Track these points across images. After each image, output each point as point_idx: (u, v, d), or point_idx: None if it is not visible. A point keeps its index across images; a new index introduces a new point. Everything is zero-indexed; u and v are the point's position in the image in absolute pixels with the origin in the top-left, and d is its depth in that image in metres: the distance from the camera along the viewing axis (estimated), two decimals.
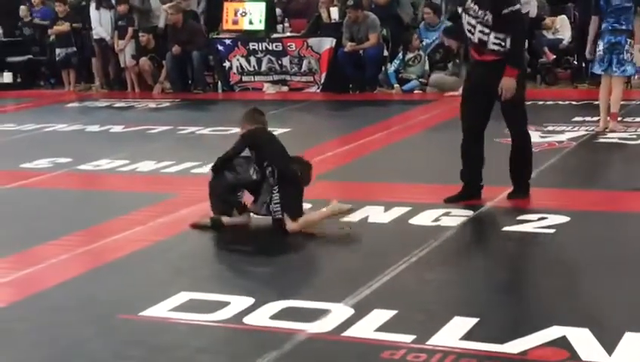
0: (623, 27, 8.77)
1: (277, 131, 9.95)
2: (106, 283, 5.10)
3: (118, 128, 10.84)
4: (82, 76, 15.55)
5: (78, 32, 15.15)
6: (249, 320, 4.32)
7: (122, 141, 10.00)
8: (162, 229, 6.13)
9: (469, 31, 6.28)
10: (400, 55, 12.87)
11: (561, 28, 12.89)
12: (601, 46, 8.90)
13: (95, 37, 14.82)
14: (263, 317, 4.35)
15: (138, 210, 6.60)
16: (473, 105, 6.47)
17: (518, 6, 6.31)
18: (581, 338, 3.88)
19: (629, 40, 8.79)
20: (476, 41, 6.26)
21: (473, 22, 6.23)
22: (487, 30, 6.18)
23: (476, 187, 6.49)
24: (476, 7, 6.19)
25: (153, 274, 5.24)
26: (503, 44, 6.18)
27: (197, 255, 5.67)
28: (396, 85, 12.73)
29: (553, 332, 3.96)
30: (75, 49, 15.05)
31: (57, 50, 15.01)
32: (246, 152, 6.05)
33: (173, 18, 13.86)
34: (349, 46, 12.88)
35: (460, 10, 6.41)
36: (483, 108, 6.46)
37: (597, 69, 9.14)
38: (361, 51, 12.92)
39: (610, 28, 8.84)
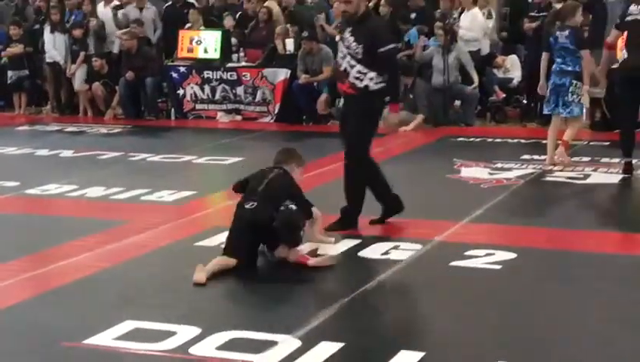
0: (569, 68, 8.95)
1: (230, 160, 10.00)
2: (51, 310, 5.02)
3: (68, 153, 10.72)
4: (34, 100, 15.38)
5: (31, 56, 15.01)
6: (195, 350, 4.28)
7: (72, 166, 9.89)
8: (110, 256, 6.07)
9: (341, 58, 6.59)
10: None
11: (512, 67, 13.10)
12: (549, 87, 9.08)
13: (48, 60, 14.69)
14: (209, 347, 4.31)
15: (86, 236, 6.52)
16: (341, 134, 6.90)
17: (393, 45, 6.69)
18: None
19: (574, 81, 8.95)
20: (342, 69, 6.55)
21: (345, 51, 6.52)
22: (353, 62, 6.46)
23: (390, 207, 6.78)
24: (352, 38, 6.46)
25: (99, 302, 5.17)
26: (362, 78, 6.46)
27: (144, 283, 5.60)
28: None
29: None
30: (27, 72, 14.89)
31: (9, 73, 14.84)
32: None
33: (127, 44, 13.80)
34: (303, 78, 12.94)
35: (337, 37, 6.52)
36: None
37: (545, 109, 9.33)
38: (315, 83, 12.98)
39: (557, 69, 9.02)
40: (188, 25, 14.22)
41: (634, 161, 8.71)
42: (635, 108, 9.20)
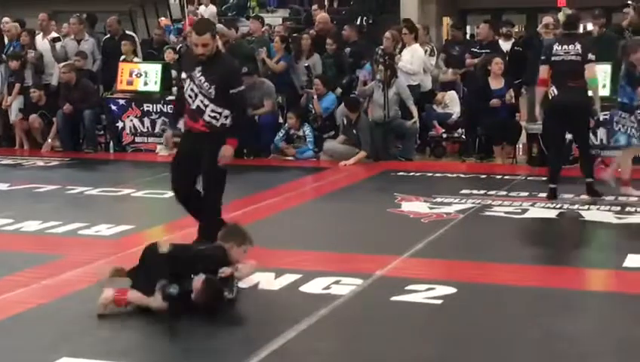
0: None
1: (168, 194, 9.89)
2: None
3: (3, 186, 10.53)
4: None
5: None
6: None
7: (8, 199, 9.71)
8: (46, 292, 5.95)
9: (190, 97, 6.59)
10: (286, 126, 13.02)
11: (451, 103, 13.28)
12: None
13: None
14: None
15: (22, 271, 6.39)
16: (182, 170, 6.83)
17: (243, 87, 6.79)
18: None
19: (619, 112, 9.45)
20: (194, 108, 6.59)
21: (196, 90, 6.55)
22: (206, 102, 6.53)
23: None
24: (202, 78, 6.51)
25: (34, 339, 5.05)
26: (217, 117, 6.57)
27: (82, 319, 5.49)
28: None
29: None
30: None
31: None
32: None
33: (65, 76, 13.66)
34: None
35: (184, 75, 6.70)
36: (192, 174, 6.82)
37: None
38: (256, 117, 12.99)
39: None
40: (123, 57, 14.15)
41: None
42: (561, 138, 9.62)
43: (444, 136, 13.24)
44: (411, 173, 11.41)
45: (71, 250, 7.09)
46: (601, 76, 10.36)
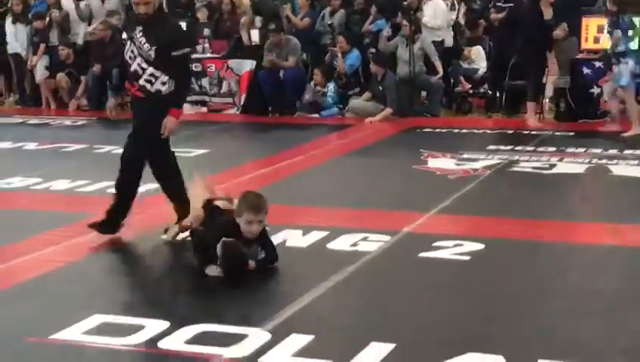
0: None
1: (195, 152, 9.92)
2: (16, 305, 4.93)
3: (31, 146, 10.58)
4: None
5: None
6: (164, 344, 4.23)
7: (36, 159, 9.76)
8: (75, 250, 5.98)
9: (130, 58, 6.14)
10: (312, 84, 12.97)
11: (477, 58, 13.14)
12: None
13: (10, 52, 14.50)
14: (177, 341, 4.26)
15: (51, 229, 6.43)
16: (130, 137, 6.35)
17: (188, 49, 6.28)
18: None
19: None
20: (132, 70, 6.13)
21: (136, 52, 6.10)
22: (145, 65, 6.07)
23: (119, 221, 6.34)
24: (143, 39, 6.04)
25: (65, 297, 5.09)
26: (153, 81, 6.07)
27: (111, 277, 5.54)
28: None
29: (468, 359, 3.98)
30: None
31: None
32: None
33: (101, 34, 13.63)
34: (268, 61, 12.88)
35: (125, 36, 6.32)
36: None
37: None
38: (280, 74, 12.93)
39: None
40: None
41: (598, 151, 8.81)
42: None
43: (471, 91, 13.13)
44: (437, 130, 11.34)
45: (100, 208, 7.08)
46: None
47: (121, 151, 6.44)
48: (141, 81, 6.11)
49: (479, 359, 3.97)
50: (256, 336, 4.28)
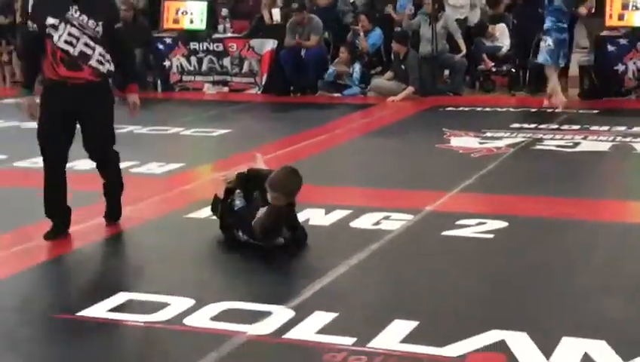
0: None
1: (217, 132, 9.97)
2: (42, 283, 5.02)
3: None
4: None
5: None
6: (190, 321, 4.29)
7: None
8: (99, 229, 6.05)
9: (69, 43, 5.62)
10: (335, 62, 12.97)
11: (501, 36, 13.08)
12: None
13: None
14: (203, 318, 4.32)
15: (75, 209, 6.49)
16: (57, 135, 5.82)
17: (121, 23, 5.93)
18: (519, 343, 3.94)
19: None
20: (76, 54, 5.63)
21: (77, 33, 5.62)
22: (93, 43, 5.66)
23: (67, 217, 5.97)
24: (84, 16, 5.61)
25: (90, 275, 5.18)
26: (103, 61, 5.72)
27: (136, 255, 5.60)
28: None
29: (492, 336, 4.01)
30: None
31: None
32: None
33: (123, 15, 13.66)
34: (292, 42, 12.88)
35: (53, 20, 5.59)
36: (69, 138, 5.89)
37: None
38: (302, 53, 12.94)
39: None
40: None
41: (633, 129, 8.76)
42: None
43: (494, 69, 13.08)
44: (460, 108, 11.33)
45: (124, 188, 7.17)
46: None
47: (142, 131, 6.43)
48: (93, 63, 5.68)
49: (502, 336, 4.00)
50: (280, 313, 4.33)
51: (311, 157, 8.52)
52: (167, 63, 13.86)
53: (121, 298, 4.61)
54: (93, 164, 8.22)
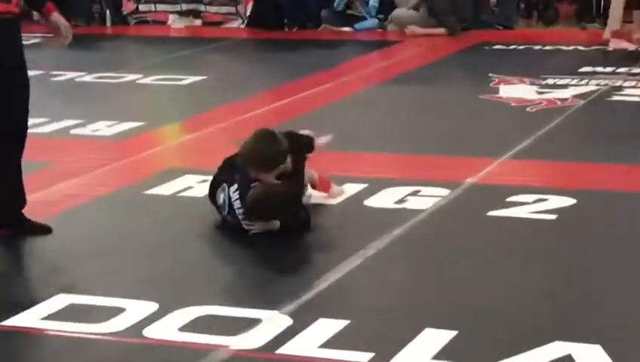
0: None
1: (188, 80, 9.97)
2: None
3: None
4: None
5: None
6: (150, 332, 4.31)
7: None
8: (32, 210, 6.05)
9: None
10: None
11: None
12: None
13: None
14: (169, 328, 4.34)
15: None
16: None
17: None
18: (591, 358, 3.96)
19: None
20: None
21: None
22: None
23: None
24: None
25: (21, 272, 5.20)
26: None
27: (79, 245, 5.61)
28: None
29: (555, 350, 4.02)
30: None
31: None
32: None
33: None
34: None
35: None
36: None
37: None
38: None
39: None
40: None
41: None
42: None
43: None
44: (512, 47, 11.33)
45: (62, 155, 7.19)
46: None
47: (87, 79, 6.43)
48: None
49: (569, 350, 4.02)
50: (272, 322, 4.35)
51: (312, 113, 8.53)
52: None
53: (59, 302, 4.63)
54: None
